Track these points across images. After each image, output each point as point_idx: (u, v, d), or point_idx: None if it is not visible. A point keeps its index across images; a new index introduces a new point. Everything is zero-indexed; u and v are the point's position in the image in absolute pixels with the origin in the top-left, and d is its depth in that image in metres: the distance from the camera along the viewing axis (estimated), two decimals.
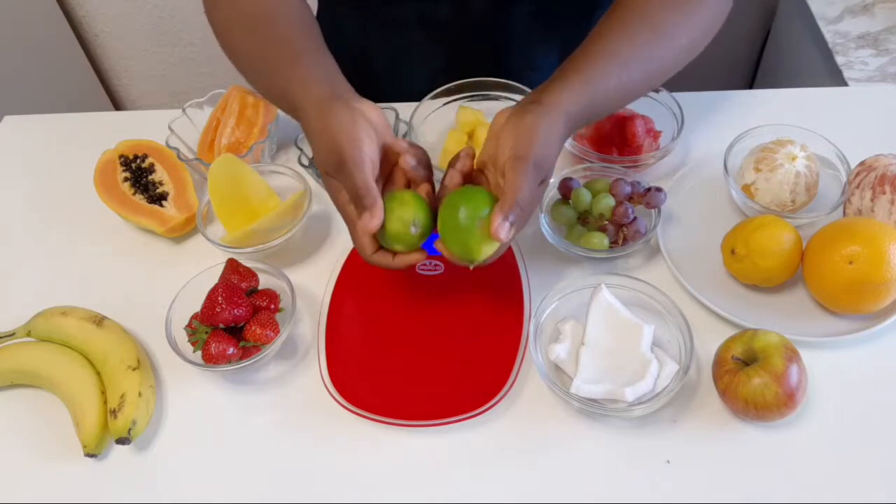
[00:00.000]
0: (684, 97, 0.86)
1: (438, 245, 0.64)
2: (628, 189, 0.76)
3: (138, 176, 0.85)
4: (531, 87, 0.85)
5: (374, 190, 0.62)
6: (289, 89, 0.69)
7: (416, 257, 0.65)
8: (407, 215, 0.63)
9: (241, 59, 0.76)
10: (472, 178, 0.67)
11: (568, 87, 0.66)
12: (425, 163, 0.67)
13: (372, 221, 0.61)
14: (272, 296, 0.73)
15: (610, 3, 0.74)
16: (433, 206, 0.66)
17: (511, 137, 0.63)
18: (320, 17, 1.03)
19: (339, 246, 0.81)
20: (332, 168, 0.64)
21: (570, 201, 0.77)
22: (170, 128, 0.87)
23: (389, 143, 0.67)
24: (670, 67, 0.73)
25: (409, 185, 0.68)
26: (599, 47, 0.69)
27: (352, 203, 0.64)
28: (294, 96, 0.68)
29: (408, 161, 0.65)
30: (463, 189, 0.64)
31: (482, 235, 0.61)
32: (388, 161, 0.68)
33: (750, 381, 0.62)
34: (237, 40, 0.76)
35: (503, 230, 0.60)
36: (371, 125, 0.65)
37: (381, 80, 0.90)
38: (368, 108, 0.67)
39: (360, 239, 0.65)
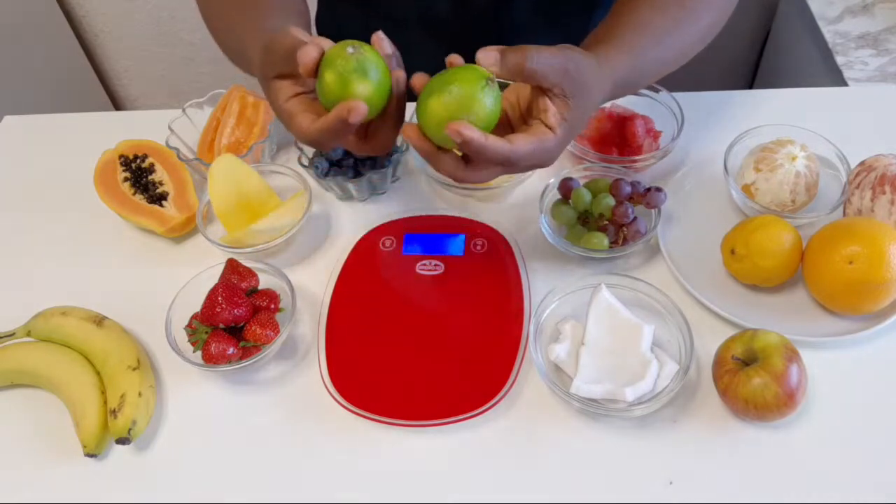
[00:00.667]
0: (684, 97, 0.86)
1: (421, 120, 0.57)
2: (628, 189, 0.76)
3: (138, 176, 0.85)
4: None
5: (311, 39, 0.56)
6: (244, 39, 0.66)
7: (352, 105, 0.54)
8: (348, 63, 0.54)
9: (214, 21, 0.74)
10: None
11: (615, 52, 0.63)
12: (399, 58, 0.61)
13: (309, 50, 0.55)
14: (272, 296, 0.73)
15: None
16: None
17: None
18: (321, 16, 1.03)
19: (339, 246, 0.81)
20: (265, 63, 0.59)
21: (570, 201, 0.77)
22: (170, 128, 0.87)
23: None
24: (695, 44, 0.72)
25: None
26: (633, 19, 0.67)
27: (294, 90, 0.58)
28: (245, 44, 0.65)
29: (384, 45, 0.59)
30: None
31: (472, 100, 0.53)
32: None
33: (750, 381, 0.62)
34: (215, 7, 0.74)
35: (488, 55, 0.54)
36: (317, 42, 0.58)
37: None
38: (322, 38, 0.59)
39: (299, 121, 0.58)
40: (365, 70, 0.55)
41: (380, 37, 0.60)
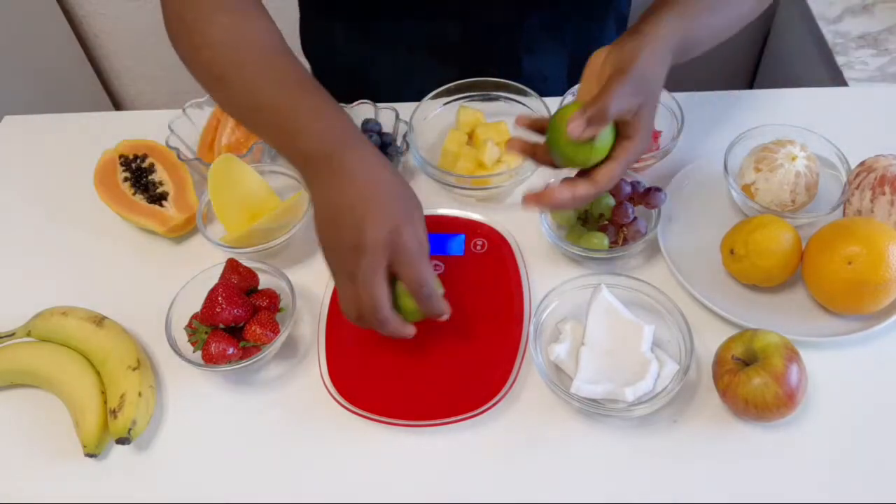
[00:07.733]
0: (684, 97, 0.86)
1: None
2: (628, 189, 0.76)
3: (138, 176, 0.85)
4: (542, 95, 0.85)
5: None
6: (298, 119, 0.65)
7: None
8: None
9: (227, 86, 0.70)
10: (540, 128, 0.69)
11: (665, 22, 0.66)
12: None
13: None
14: (272, 296, 0.73)
15: (612, 9, 0.72)
16: None
17: (613, 62, 0.64)
18: (307, 32, 1.00)
19: None
20: (405, 222, 0.62)
21: None
22: (170, 128, 0.87)
23: None
24: (745, 17, 0.74)
25: None
26: None
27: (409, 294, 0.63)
28: (307, 128, 0.64)
29: None
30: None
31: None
32: None
33: (750, 381, 0.62)
34: (226, 69, 0.70)
35: (576, 125, 0.61)
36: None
37: (379, 94, 0.89)
38: None
39: (384, 295, 0.63)
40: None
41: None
